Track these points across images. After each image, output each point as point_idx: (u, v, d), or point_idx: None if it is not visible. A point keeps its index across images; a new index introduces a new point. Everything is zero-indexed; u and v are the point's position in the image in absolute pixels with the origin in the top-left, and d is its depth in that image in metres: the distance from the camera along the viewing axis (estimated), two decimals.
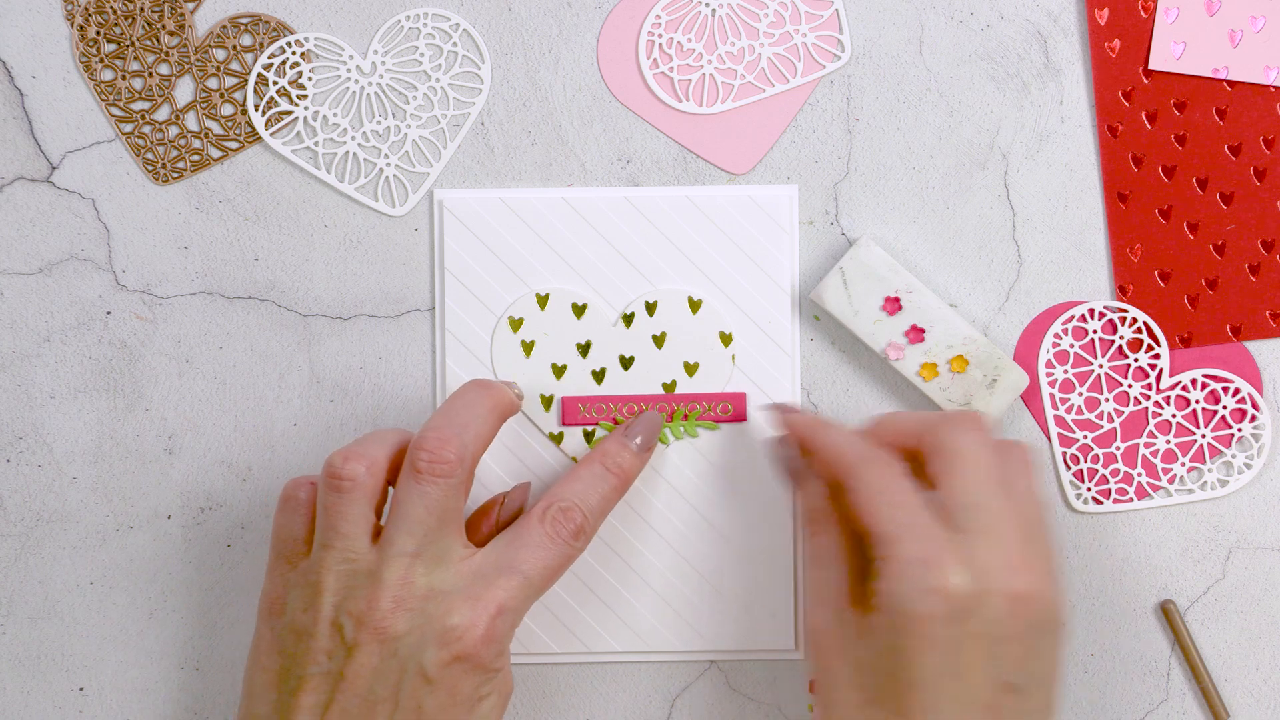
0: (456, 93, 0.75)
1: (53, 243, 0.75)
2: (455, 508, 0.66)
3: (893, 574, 0.62)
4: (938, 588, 0.61)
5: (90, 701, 0.76)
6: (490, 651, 0.65)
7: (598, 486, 0.69)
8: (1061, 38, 0.75)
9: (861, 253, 0.73)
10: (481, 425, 0.68)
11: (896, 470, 0.65)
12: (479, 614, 0.65)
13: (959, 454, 0.65)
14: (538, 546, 0.67)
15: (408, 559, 0.65)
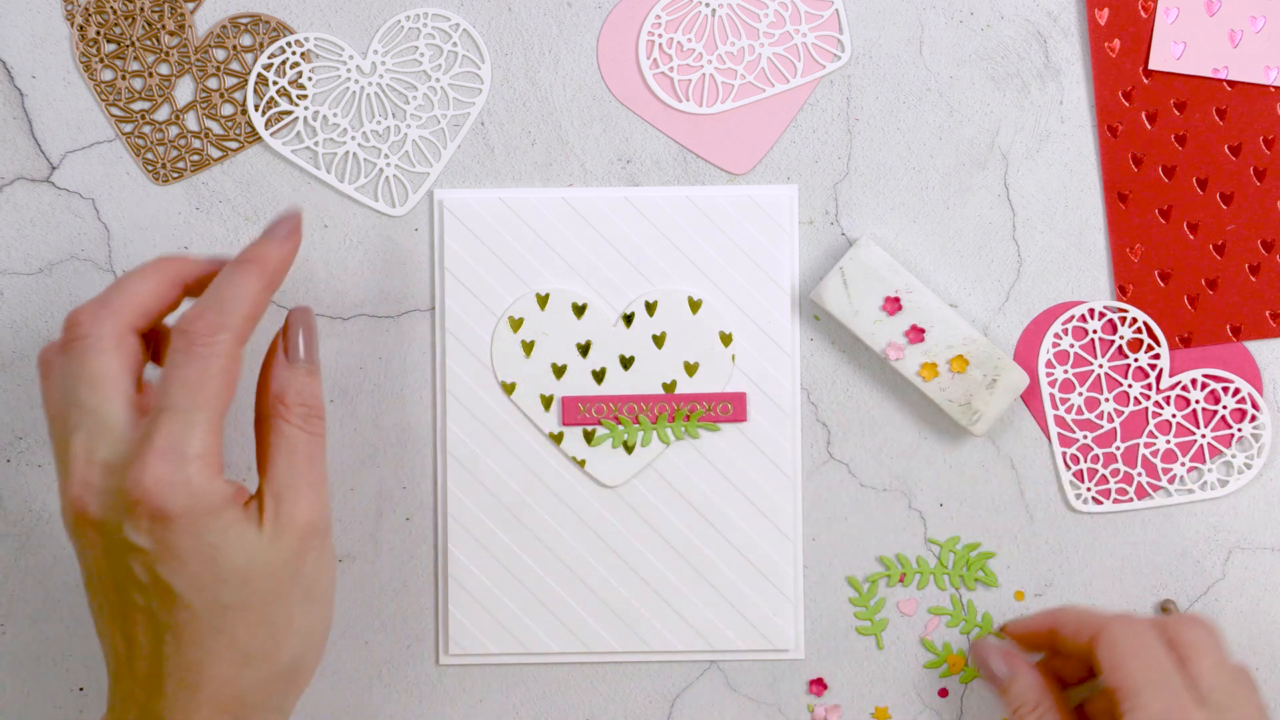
0: (456, 93, 0.75)
1: (53, 243, 0.75)
2: (105, 369, 0.62)
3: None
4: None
5: (90, 701, 0.76)
6: (178, 499, 0.60)
7: (229, 283, 0.64)
8: (1061, 38, 0.75)
9: (861, 253, 0.73)
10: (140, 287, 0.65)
11: (1150, 633, 0.68)
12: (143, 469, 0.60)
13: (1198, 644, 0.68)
14: (172, 371, 0.62)
15: (80, 435, 0.62)
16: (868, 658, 0.76)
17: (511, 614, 0.75)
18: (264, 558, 0.62)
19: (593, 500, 0.75)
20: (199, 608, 0.61)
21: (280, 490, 0.63)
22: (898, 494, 0.76)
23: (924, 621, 0.76)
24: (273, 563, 0.62)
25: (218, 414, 0.62)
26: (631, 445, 0.75)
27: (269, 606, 0.62)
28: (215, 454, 0.62)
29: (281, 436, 0.64)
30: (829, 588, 0.76)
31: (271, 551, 0.62)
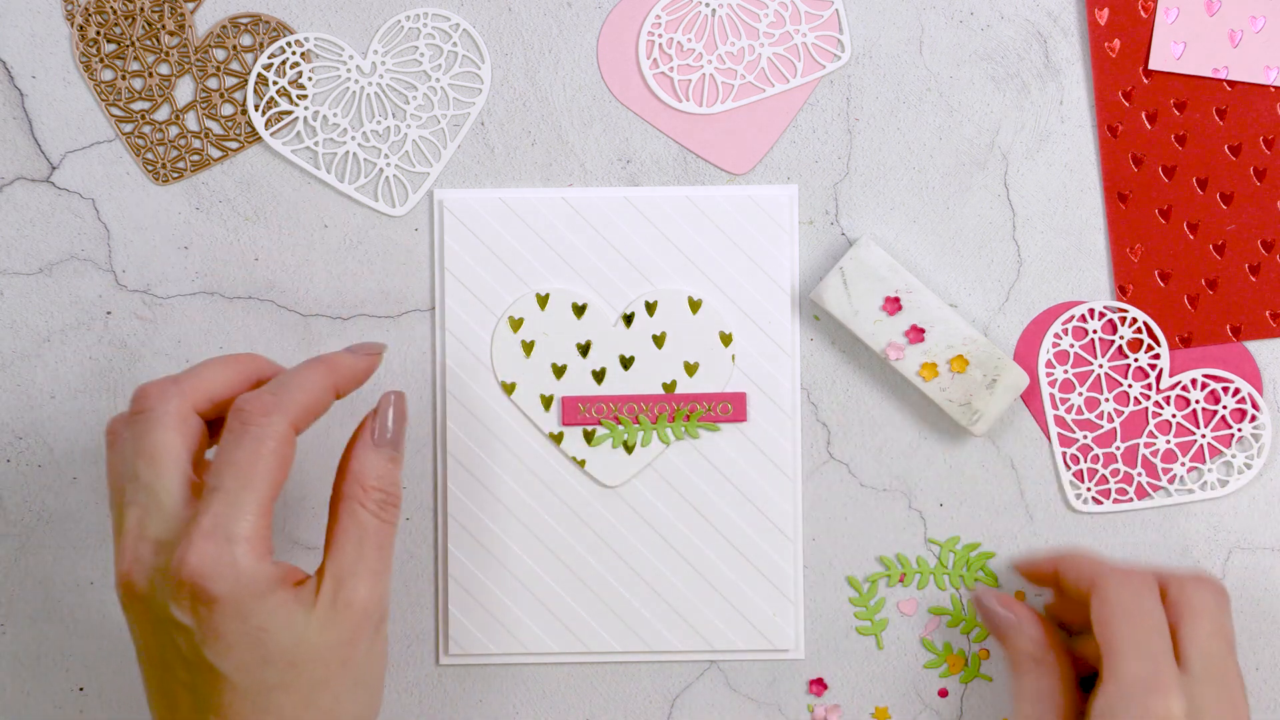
0: (456, 93, 0.75)
1: (53, 243, 0.75)
2: (165, 445, 0.62)
3: (1111, 690, 0.63)
4: (1153, 710, 0.62)
5: (90, 701, 0.76)
6: (224, 583, 0.60)
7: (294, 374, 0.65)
8: (1061, 38, 0.75)
9: (861, 253, 0.73)
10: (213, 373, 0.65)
11: (1144, 592, 0.67)
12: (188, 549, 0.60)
13: (1198, 607, 0.67)
14: (223, 452, 0.62)
15: (135, 510, 0.62)
16: (868, 658, 0.76)
17: (511, 614, 0.75)
18: (313, 640, 0.61)
19: (593, 500, 0.75)
20: (244, 688, 0.61)
21: (342, 574, 0.62)
22: (898, 494, 0.76)
23: (924, 621, 0.76)
24: (322, 646, 0.62)
25: (267, 496, 0.61)
26: (631, 445, 0.75)
27: (316, 690, 0.62)
28: (263, 536, 0.61)
29: (354, 520, 0.63)
30: (829, 588, 0.76)
31: (322, 635, 0.62)
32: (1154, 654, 0.64)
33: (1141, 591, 0.67)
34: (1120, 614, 0.66)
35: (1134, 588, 0.67)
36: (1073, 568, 0.70)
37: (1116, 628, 0.65)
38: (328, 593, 0.62)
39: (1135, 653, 0.64)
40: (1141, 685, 0.63)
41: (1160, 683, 0.63)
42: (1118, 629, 0.65)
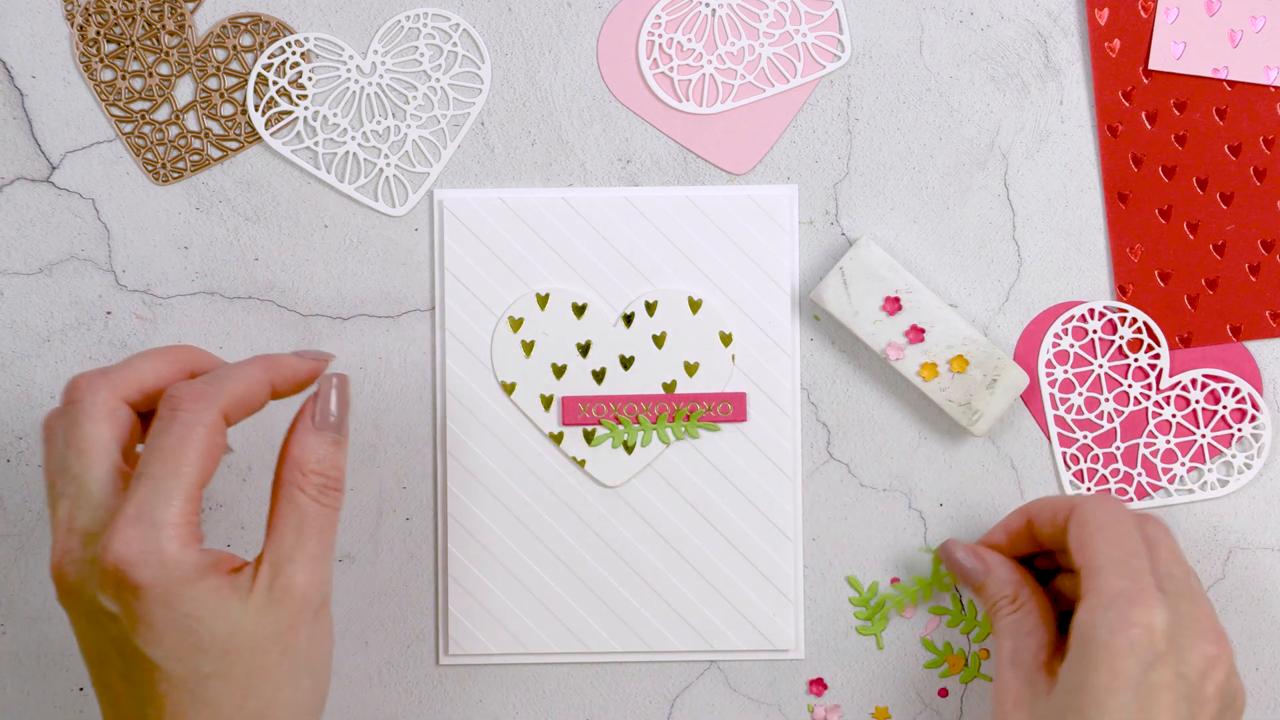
0: (456, 93, 0.75)
1: (53, 243, 0.75)
2: (94, 436, 0.61)
3: (1093, 604, 0.63)
4: (1138, 621, 0.62)
5: (90, 701, 0.76)
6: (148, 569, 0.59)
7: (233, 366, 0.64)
8: (1061, 38, 0.75)
9: (861, 253, 0.73)
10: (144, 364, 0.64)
11: (1120, 513, 0.66)
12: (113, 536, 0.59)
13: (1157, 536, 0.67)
14: (151, 440, 0.61)
15: (66, 503, 0.61)
16: (868, 658, 0.76)
17: (511, 614, 0.75)
18: (249, 628, 0.60)
19: (593, 500, 0.75)
20: (178, 677, 0.60)
21: (280, 560, 0.61)
22: (898, 494, 0.76)
23: (924, 621, 0.76)
24: (259, 634, 0.61)
25: (195, 484, 0.60)
26: (631, 445, 0.75)
27: (254, 678, 0.61)
28: (191, 523, 0.60)
29: (293, 505, 0.62)
30: (829, 588, 0.76)
31: (259, 622, 0.61)
32: (1134, 569, 0.64)
33: (1117, 511, 0.67)
34: (1098, 532, 0.65)
35: (1109, 508, 0.67)
36: (1045, 508, 0.69)
37: (1096, 545, 0.65)
38: (264, 579, 0.61)
39: (1116, 569, 0.64)
40: (1124, 598, 0.63)
41: (1143, 595, 0.63)
42: (1098, 547, 0.65)
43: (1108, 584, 0.63)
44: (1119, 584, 0.63)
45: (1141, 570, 0.64)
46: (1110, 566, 0.64)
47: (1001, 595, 0.69)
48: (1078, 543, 0.66)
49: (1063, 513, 0.68)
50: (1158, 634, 0.62)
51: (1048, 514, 0.69)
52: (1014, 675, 0.67)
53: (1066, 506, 0.68)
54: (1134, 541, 0.65)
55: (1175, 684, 0.62)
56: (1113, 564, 0.64)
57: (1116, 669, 0.62)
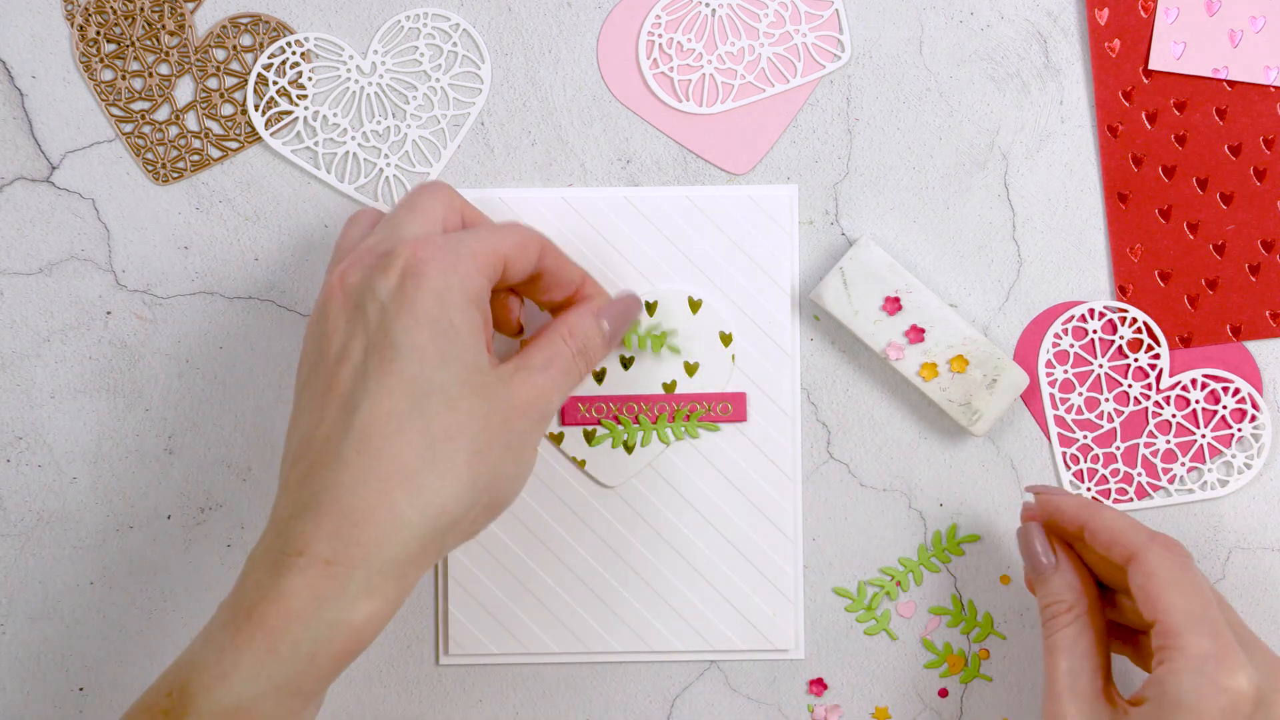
0: (456, 93, 0.75)
1: (53, 243, 0.75)
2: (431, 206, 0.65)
3: (1179, 666, 0.61)
4: (1226, 686, 0.61)
5: (90, 701, 0.76)
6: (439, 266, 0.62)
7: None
8: (1061, 38, 0.75)
9: (861, 253, 0.73)
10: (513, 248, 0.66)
11: (1188, 563, 0.64)
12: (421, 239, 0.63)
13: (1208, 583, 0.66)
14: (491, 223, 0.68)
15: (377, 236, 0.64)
16: (868, 658, 0.76)
17: (511, 614, 0.75)
18: (487, 380, 0.62)
19: (593, 500, 0.75)
20: (409, 373, 0.60)
21: (525, 365, 0.64)
22: (898, 494, 0.76)
23: (924, 621, 0.76)
24: (492, 390, 0.62)
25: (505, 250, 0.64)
26: (631, 445, 0.75)
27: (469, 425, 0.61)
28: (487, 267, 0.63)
29: (554, 343, 0.66)
30: (829, 587, 0.76)
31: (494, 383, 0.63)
32: (1215, 627, 0.62)
33: (1186, 563, 0.65)
34: (1172, 587, 0.63)
35: (1178, 559, 0.64)
36: (1104, 532, 0.66)
37: (1171, 602, 0.63)
38: (507, 370, 0.64)
39: (1197, 628, 0.62)
40: (1212, 661, 0.61)
41: (1228, 658, 0.61)
42: (1173, 603, 0.63)
43: (1193, 645, 0.62)
44: (1204, 645, 0.62)
45: (1221, 628, 0.62)
46: (1191, 626, 0.62)
47: (1060, 599, 0.67)
48: (1146, 595, 0.64)
49: (1120, 551, 0.65)
50: (1246, 698, 0.61)
51: (1105, 541, 0.66)
52: (1073, 706, 0.65)
53: (1127, 548, 0.65)
54: (1206, 594, 0.64)
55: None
56: (1193, 622, 0.62)
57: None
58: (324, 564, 0.59)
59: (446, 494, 0.61)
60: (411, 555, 0.60)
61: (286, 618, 0.59)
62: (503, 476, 0.63)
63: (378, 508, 0.60)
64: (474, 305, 0.62)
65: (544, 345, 0.66)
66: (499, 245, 0.64)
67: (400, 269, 0.62)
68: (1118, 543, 0.65)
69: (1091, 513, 0.67)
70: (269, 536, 0.61)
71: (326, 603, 0.59)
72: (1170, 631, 0.62)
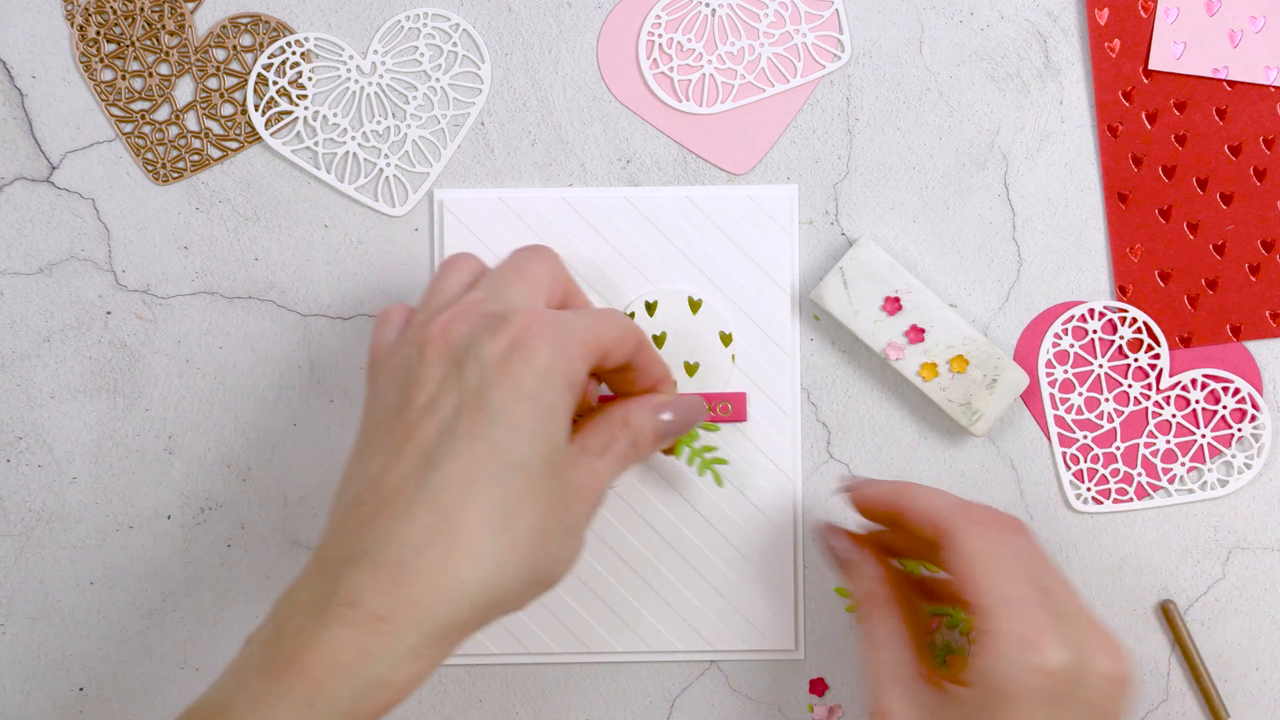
0: (456, 93, 0.75)
1: (53, 243, 0.75)
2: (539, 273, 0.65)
3: (992, 650, 0.61)
4: (1039, 667, 0.60)
5: (90, 701, 0.76)
6: (548, 346, 0.61)
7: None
8: (1061, 38, 0.75)
9: (861, 253, 0.73)
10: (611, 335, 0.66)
11: (1001, 538, 0.64)
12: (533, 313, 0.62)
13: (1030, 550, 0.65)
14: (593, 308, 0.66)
15: (483, 294, 0.63)
16: None
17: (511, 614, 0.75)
18: (560, 463, 0.62)
19: None
20: (500, 447, 0.60)
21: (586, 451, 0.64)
22: None
23: None
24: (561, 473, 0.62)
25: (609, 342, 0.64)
26: None
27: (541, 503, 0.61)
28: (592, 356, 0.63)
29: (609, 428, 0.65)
30: (829, 588, 0.76)
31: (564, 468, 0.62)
32: (1025, 606, 0.62)
33: (1000, 537, 0.64)
34: (982, 568, 0.63)
35: (991, 535, 0.64)
36: (917, 511, 0.66)
37: (981, 583, 0.62)
38: (572, 452, 0.63)
39: (1007, 609, 0.61)
40: (1022, 644, 0.61)
41: (1039, 638, 0.61)
42: (983, 584, 0.62)
43: (1004, 627, 0.61)
44: (1013, 627, 0.61)
45: (1030, 607, 0.62)
46: (1001, 607, 0.62)
47: (868, 592, 0.67)
48: (958, 574, 0.63)
49: (932, 529, 0.65)
50: (1059, 675, 0.61)
51: (916, 519, 0.66)
52: (895, 694, 0.64)
53: (937, 524, 0.65)
54: (1017, 571, 0.63)
55: (1076, 714, 0.61)
56: (1003, 603, 0.62)
57: (1019, 713, 0.60)
58: (375, 619, 0.58)
59: (507, 569, 0.60)
60: (463, 622, 0.60)
61: (329, 671, 0.57)
62: (558, 558, 0.63)
63: (440, 571, 0.59)
64: (572, 390, 0.62)
65: (601, 430, 0.65)
66: (604, 335, 0.64)
67: (510, 338, 0.61)
68: (930, 523, 0.65)
69: (902, 496, 0.67)
70: (314, 578, 0.59)
71: (372, 660, 0.58)
72: (982, 614, 0.62)
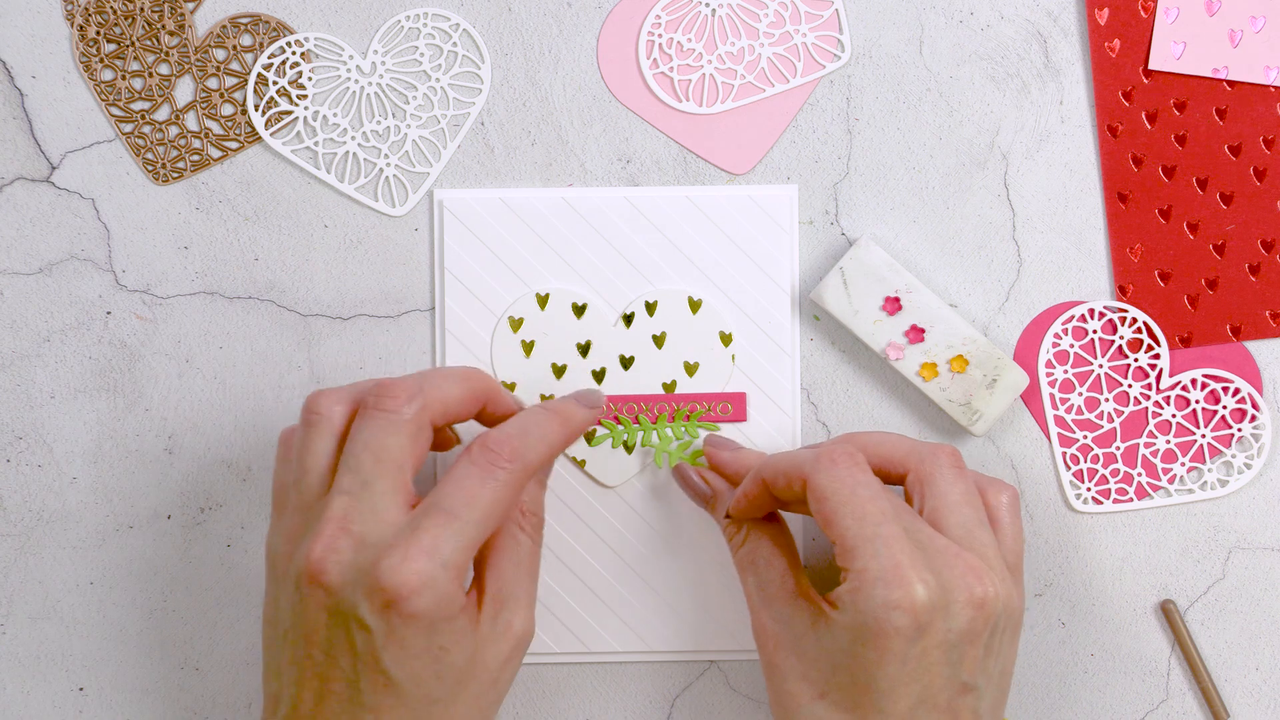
0: (456, 93, 0.75)
1: (53, 243, 0.75)
2: (397, 450, 0.63)
3: (855, 588, 0.62)
4: (902, 603, 0.61)
5: (90, 701, 0.76)
6: (424, 600, 0.60)
7: (536, 422, 0.66)
8: (1061, 38, 0.75)
9: (861, 253, 0.73)
10: (452, 389, 0.66)
11: (855, 476, 0.64)
12: (402, 560, 0.60)
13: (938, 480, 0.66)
14: (461, 479, 0.63)
15: (345, 500, 0.62)
16: None
17: None
18: (479, 659, 0.63)
19: (593, 500, 0.75)
20: (410, 697, 0.62)
21: (503, 596, 0.64)
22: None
23: None
24: (484, 666, 0.63)
25: (483, 534, 0.62)
26: (631, 445, 0.75)
27: (468, 706, 0.63)
28: (466, 565, 0.62)
29: (514, 542, 0.65)
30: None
31: (484, 654, 0.63)
32: (885, 545, 0.62)
33: (852, 477, 0.64)
34: (841, 508, 0.63)
35: (842, 476, 0.64)
36: (778, 474, 0.66)
37: (841, 524, 0.63)
38: (489, 612, 0.64)
39: (867, 548, 0.62)
40: (883, 582, 0.61)
41: (898, 575, 0.61)
42: (843, 525, 0.63)
43: (865, 567, 0.62)
44: (873, 566, 0.61)
45: (890, 543, 0.62)
46: (862, 547, 0.62)
47: (731, 518, 0.69)
48: (821, 519, 0.63)
49: (798, 481, 0.65)
50: (920, 608, 0.61)
51: (783, 481, 0.66)
52: (768, 614, 0.66)
53: (800, 475, 0.65)
54: (877, 508, 0.63)
55: (944, 640, 0.62)
56: (863, 543, 0.62)
57: (885, 648, 0.61)
58: None
59: None
60: None
61: None
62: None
63: None
64: (458, 612, 0.62)
65: (506, 547, 0.66)
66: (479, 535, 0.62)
67: (383, 599, 0.60)
68: (787, 475, 0.66)
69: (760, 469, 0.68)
70: None
71: None
72: (845, 553, 0.62)
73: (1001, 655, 0.64)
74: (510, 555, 0.66)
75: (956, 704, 0.63)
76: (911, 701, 0.62)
